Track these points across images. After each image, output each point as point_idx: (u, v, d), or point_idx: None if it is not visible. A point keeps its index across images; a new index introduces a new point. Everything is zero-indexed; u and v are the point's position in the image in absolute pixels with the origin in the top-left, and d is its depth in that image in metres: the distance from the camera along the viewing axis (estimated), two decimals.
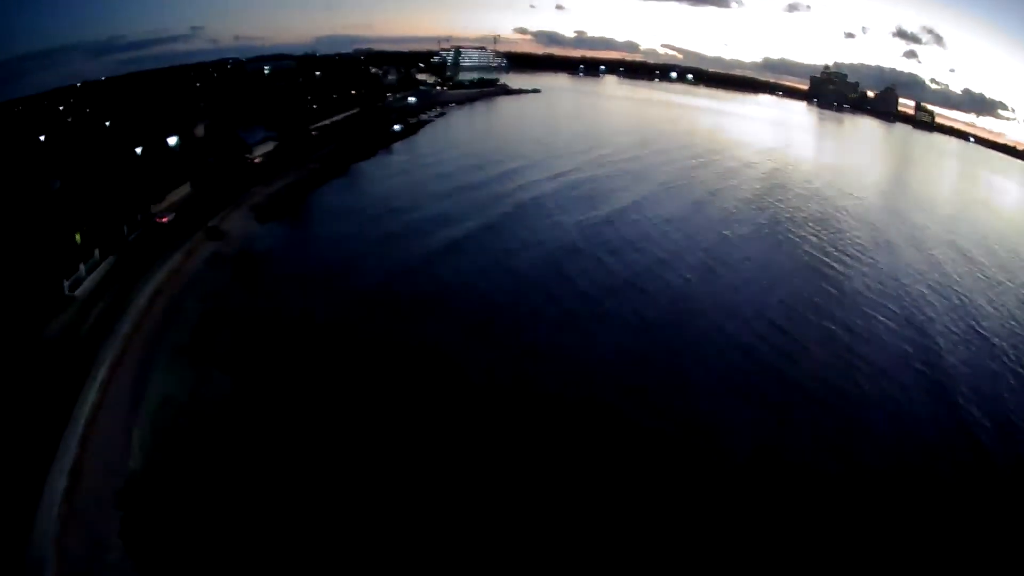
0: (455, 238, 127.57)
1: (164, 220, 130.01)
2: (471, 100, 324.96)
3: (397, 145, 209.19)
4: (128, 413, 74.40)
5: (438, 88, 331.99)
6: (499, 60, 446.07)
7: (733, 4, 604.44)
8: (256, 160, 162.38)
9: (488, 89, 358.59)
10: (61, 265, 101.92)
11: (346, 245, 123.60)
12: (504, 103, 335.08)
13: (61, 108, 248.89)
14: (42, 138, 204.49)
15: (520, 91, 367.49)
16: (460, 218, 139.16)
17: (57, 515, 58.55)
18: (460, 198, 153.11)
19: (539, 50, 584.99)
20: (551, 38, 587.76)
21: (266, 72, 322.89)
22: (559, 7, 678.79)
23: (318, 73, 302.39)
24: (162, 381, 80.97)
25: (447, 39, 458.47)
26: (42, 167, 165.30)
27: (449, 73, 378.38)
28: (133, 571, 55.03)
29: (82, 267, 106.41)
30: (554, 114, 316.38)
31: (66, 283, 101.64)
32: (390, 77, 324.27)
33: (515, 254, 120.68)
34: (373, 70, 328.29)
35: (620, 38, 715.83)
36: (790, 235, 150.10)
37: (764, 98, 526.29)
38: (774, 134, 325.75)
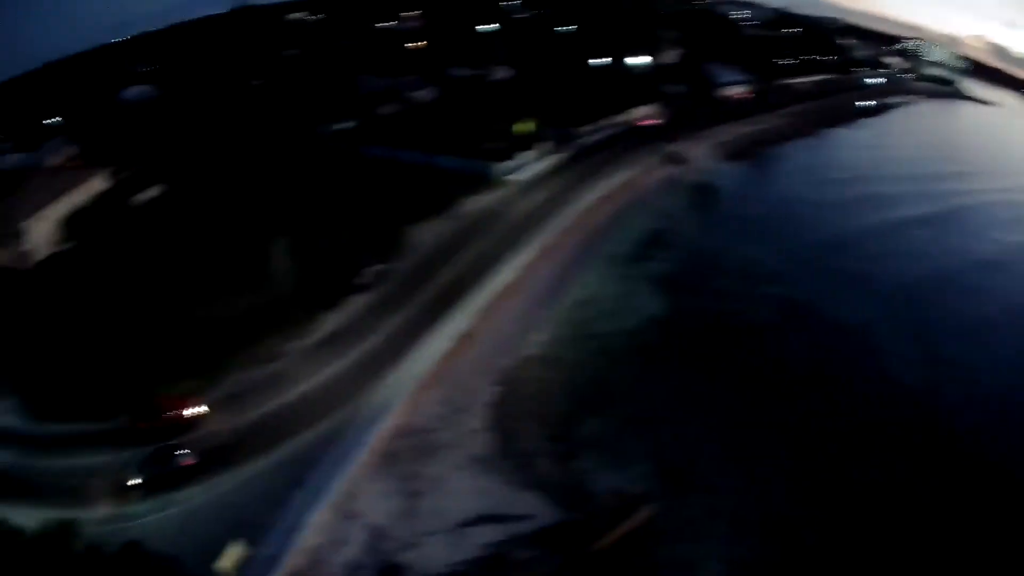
0: (895, 220, 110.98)
1: (644, 123, 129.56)
2: (933, 95, 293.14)
3: (863, 120, 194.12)
4: (541, 301, 72.81)
5: (903, 76, 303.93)
6: (961, 62, 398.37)
7: None
8: (728, 99, 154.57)
9: (947, 88, 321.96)
10: (496, 149, 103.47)
11: (796, 202, 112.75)
12: (964, 108, 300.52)
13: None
14: (487, 28, 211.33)
15: (978, 100, 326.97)
16: (904, 203, 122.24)
17: (422, 372, 59.25)
18: (909, 185, 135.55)
19: (990, 61, 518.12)
20: (1004, 53, 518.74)
21: (740, 17, 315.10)
22: (1012, 24, 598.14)
23: (792, 30, 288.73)
24: (587, 282, 77.77)
25: (913, 28, 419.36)
26: (483, 55, 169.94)
27: (914, 64, 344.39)
28: (487, 444, 54.43)
29: (526, 155, 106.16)
30: (1013, 130, 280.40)
31: (504, 166, 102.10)
32: (858, 53, 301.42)
33: (941, 251, 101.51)
34: (840, 41, 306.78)
35: None
36: None
37: None
38: None
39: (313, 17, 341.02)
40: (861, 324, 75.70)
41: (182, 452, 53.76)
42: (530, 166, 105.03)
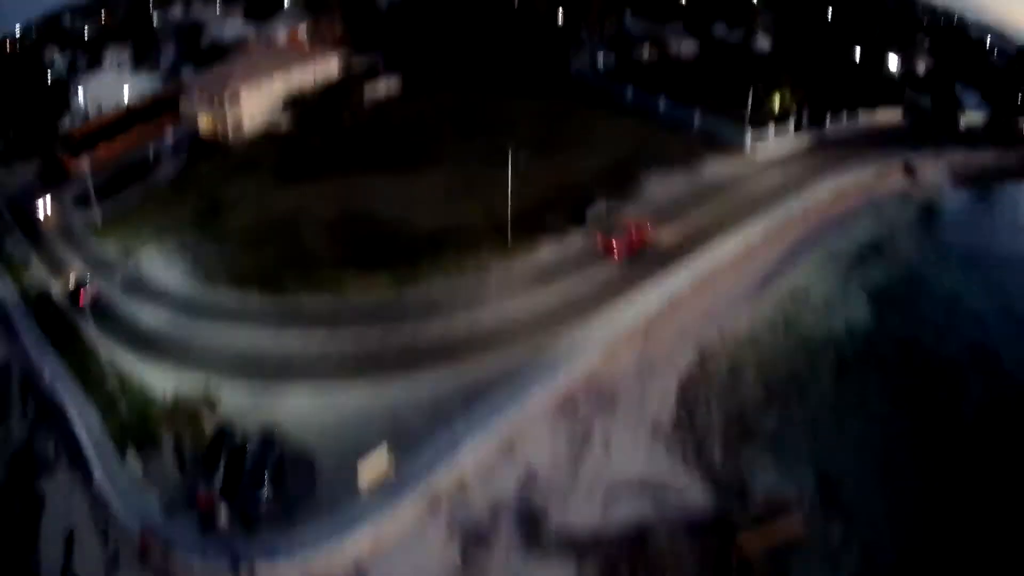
0: None
1: None
2: None
3: None
4: (756, 282, 70.88)
5: None
6: None
7: None
8: (967, 122, 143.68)
9: None
10: (747, 117, 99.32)
11: (1017, 243, 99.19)
12: None
13: None
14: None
15: None
16: None
17: (624, 326, 59.20)
18: None
19: None
20: None
21: (990, 43, 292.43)
22: None
23: None
24: (805, 273, 74.85)
25: None
26: (748, 18, 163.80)
27: None
28: (667, 411, 54.27)
29: (774, 128, 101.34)
30: None
31: (750, 135, 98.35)
32: None
33: None
34: None
35: None
36: None
37: None
38: None
39: None
40: None
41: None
42: (776, 141, 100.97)
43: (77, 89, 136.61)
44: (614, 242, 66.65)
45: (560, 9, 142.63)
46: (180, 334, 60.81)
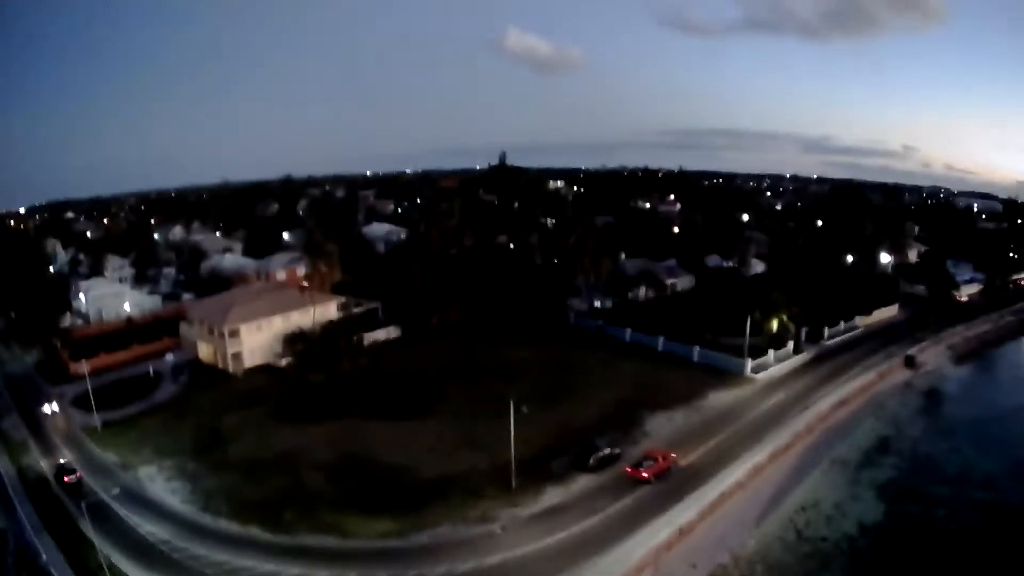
0: None
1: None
2: None
3: None
4: (764, 501, 72.01)
5: None
6: None
7: None
8: (962, 299, 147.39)
9: None
10: (745, 345, 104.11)
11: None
12: None
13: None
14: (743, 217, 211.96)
15: None
16: None
17: (633, 559, 58.80)
18: None
19: None
20: None
21: (975, 209, 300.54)
22: None
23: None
24: (813, 485, 77.16)
25: None
26: (739, 245, 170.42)
27: None
28: None
29: (773, 352, 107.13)
30: None
31: (749, 363, 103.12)
32: None
33: None
34: None
35: None
36: None
37: None
38: None
39: (572, 189, 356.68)
40: None
41: None
42: (776, 364, 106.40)
43: (78, 288, 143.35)
44: (642, 471, 71.42)
45: (555, 254, 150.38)
46: (178, 553, 61.20)
